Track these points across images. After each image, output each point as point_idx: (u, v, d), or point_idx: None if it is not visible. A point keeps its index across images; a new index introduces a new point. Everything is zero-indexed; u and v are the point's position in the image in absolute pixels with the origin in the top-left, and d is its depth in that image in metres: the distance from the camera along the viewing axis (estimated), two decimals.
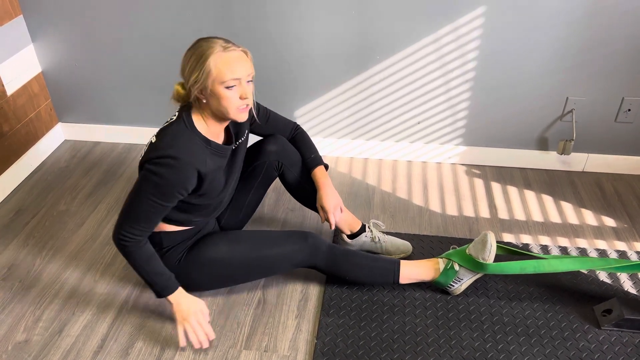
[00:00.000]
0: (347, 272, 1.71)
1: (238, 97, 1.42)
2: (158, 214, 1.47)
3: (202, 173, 1.46)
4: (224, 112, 1.44)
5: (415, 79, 2.23)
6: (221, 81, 1.39)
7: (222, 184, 1.58)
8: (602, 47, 2.06)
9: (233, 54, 1.40)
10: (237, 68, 1.39)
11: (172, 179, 1.41)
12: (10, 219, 2.11)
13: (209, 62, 1.38)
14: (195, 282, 1.69)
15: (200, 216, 1.61)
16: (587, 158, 2.33)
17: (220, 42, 1.40)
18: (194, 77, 1.40)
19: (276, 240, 1.67)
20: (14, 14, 2.22)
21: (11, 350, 1.59)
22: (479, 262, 1.65)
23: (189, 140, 1.44)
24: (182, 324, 1.55)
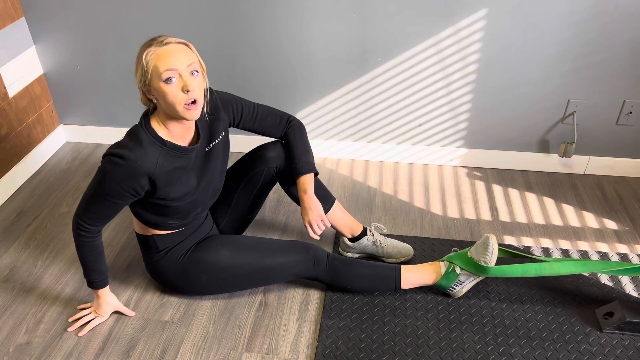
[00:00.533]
0: (349, 282, 1.71)
1: (180, 90, 1.35)
2: (110, 209, 1.47)
3: (151, 175, 1.44)
4: (172, 109, 1.38)
5: (417, 81, 2.23)
6: (158, 75, 1.34)
7: (191, 186, 1.55)
8: (603, 50, 2.06)
9: (168, 47, 1.34)
10: (173, 59, 1.33)
11: (118, 177, 1.41)
12: (12, 221, 2.11)
13: (144, 58, 1.34)
14: (195, 286, 1.69)
15: (176, 219, 1.59)
16: (588, 161, 2.33)
17: (158, 39, 1.36)
18: (138, 77, 1.38)
19: (278, 251, 1.67)
20: (16, 16, 2.22)
21: (12, 352, 1.59)
22: (480, 265, 1.65)
23: (141, 140, 1.42)
24: (90, 310, 1.67)
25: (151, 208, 1.55)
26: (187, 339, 1.63)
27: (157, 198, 1.51)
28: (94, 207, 1.47)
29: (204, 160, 1.58)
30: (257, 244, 1.68)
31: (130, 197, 1.46)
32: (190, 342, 1.61)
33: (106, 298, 1.65)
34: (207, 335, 1.64)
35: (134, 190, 1.45)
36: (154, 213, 1.56)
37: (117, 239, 2.01)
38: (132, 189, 1.44)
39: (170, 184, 1.49)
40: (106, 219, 1.50)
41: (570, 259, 1.70)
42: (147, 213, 1.57)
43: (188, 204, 1.57)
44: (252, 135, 2.47)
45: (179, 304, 1.74)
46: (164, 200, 1.51)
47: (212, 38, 2.22)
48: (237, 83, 2.33)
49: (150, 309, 1.72)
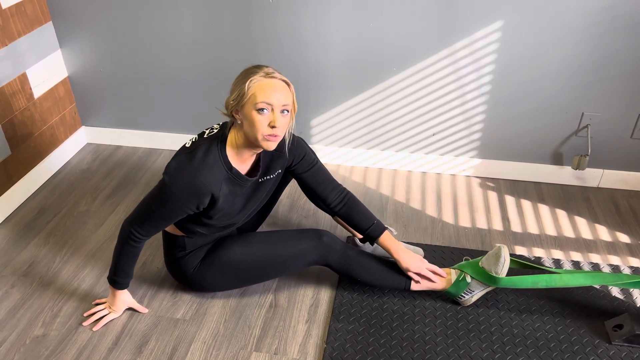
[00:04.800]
0: (360, 274, 1.72)
1: (267, 123, 1.42)
2: (165, 222, 1.53)
3: (215, 196, 1.49)
4: (253, 136, 1.44)
5: (431, 91, 2.25)
6: (253, 103, 1.40)
7: (237, 210, 1.60)
8: (618, 64, 2.07)
9: (273, 81, 1.42)
10: (272, 94, 1.40)
11: (184, 196, 1.46)
12: (32, 217, 2.17)
13: (247, 84, 1.41)
14: (210, 284, 1.73)
15: (206, 230, 1.64)
16: (602, 174, 2.32)
17: (265, 69, 1.43)
18: (233, 96, 1.44)
19: (290, 239, 1.70)
20: (43, 20, 2.30)
21: (29, 344, 1.63)
22: (491, 275, 1.66)
23: (212, 164, 1.47)
24: (106, 306, 1.72)
25: (191, 218, 1.59)
26: (198, 337, 1.66)
27: (207, 216, 1.56)
28: (153, 219, 1.52)
29: (253, 189, 1.62)
30: (268, 236, 1.72)
31: (188, 211, 1.52)
32: (201, 340, 1.65)
33: (122, 295, 1.70)
34: (217, 334, 1.67)
35: (196, 208, 1.51)
36: (189, 222, 1.61)
37: None
38: (195, 207, 1.50)
39: (223, 206, 1.54)
40: (159, 230, 1.56)
41: (581, 271, 1.70)
42: (180, 225, 1.62)
43: (225, 223, 1.62)
44: None
45: (191, 302, 1.77)
46: (210, 219, 1.57)
47: (230, 46, 2.28)
48: None
49: (163, 306, 1.76)
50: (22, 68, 2.20)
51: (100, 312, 1.71)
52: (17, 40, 2.16)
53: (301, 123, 2.43)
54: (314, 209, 2.20)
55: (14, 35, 2.14)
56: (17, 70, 2.18)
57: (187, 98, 2.46)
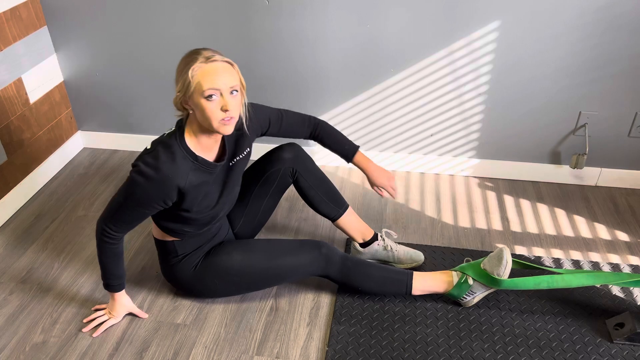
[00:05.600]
0: (360, 283, 1.72)
1: (219, 108, 1.40)
2: (136, 218, 1.53)
3: (182, 188, 1.48)
4: (207, 123, 1.42)
5: (429, 91, 2.25)
6: (200, 91, 1.38)
7: (214, 200, 1.59)
8: (615, 63, 2.07)
9: (215, 65, 1.38)
10: (217, 79, 1.38)
11: (150, 190, 1.46)
12: (30, 223, 2.16)
13: (190, 73, 1.38)
14: (209, 290, 1.72)
15: (193, 228, 1.63)
16: (600, 172, 2.33)
17: (204, 53, 1.39)
18: (178, 87, 1.42)
19: (290, 250, 1.69)
20: (38, 25, 2.29)
21: (29, 351, 1.62)
22: (493, 277, 1.65)
23: (174, 154, 1.46)
24: (105, 312, 1.71)
25: (171, 217, 1.59)
26: (199, 341, 1.65)
27: (181, 210, 1.55)
28: (122, 215, 1.51)
29: (226, 174, 1.62)
30: (268, 245, 1.71)
31: (158, 208, 1.51)
32: (202, 345, 1.64)
33: (121, 300, 1.69)
34: (218, 339, 1.66)
35: (163, 202, 1.49)
36: (172, 221, 1.60)
37: (132, 242, 2.04)
38: (162, 201, 1.49)
39: (196, 197, 1.53)
40: (131, 226, 1.55)
41: (582, 271, 1.70)
42: (166, 221, 1.61)
43: (207, 215, 1.61)
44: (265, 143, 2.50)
45: (192, 307, 1.76)
46: (187, 212, 1.56)
47: (228, 48, 2.27)
48: (252, 92, 2.37)
49: (163, 311, 1.75)
50: (17, 73, 2.19)
51: (99, 317, 1.70)
52: (13, 45, 2.15)
53: None
54: (312, 212, 2.20)
55: (9, 40, 2.13)
56: (13, 75, 2.17)
57: None
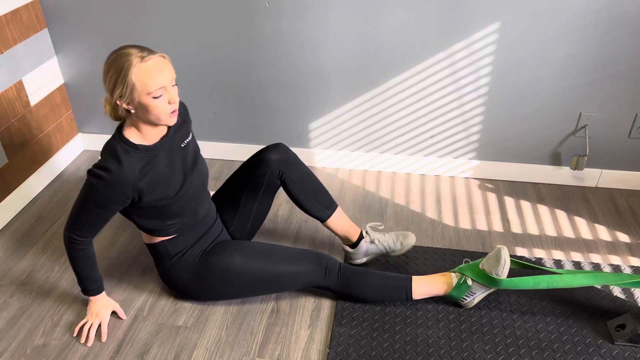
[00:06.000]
0: (360, 293, 1.72)
1: (167, 103, 1.44)
2: (99, 220, 1.54)
3: (134, 181, 1.48)
4: (155, 120, 1.46)
5: (429, 93, 2.25)
6: (148, 92, 1.40)
7: (177, 183, 1.59)
8: (616, 64, 2.08)
9: (152, 62, 1.40)
10: (160, 76, 1.40)
11: (103, 190, 1.47)
12: (31, 225, 2.16)
13: (130, 76, 1.38)
14: (207, 292, 1.72)
15: (174, 219, 1.63)
16: (600, 174, 2.33)
17: (135, 52, 1.39)
18: (118, 92, 1.41)
19: (291, 259, 1.69)
20: (39, 27, 2.29)
21: (29, 353, 1.62)
22: (492, 277, 1.65)
23: (116, 152, 1.48)
24: (88, 318, 1.69)
25: (148, 214, 1.59)
26: (200, 344, 1.65)
27: (149, 202, 1.55)
28: (83, 219, 1.53)
29: (183, 156, 1.62)
30: (270, 251, 1.70)
31: (117, 207, 1.52)
32: (203, 347, 1.64)
33: (103, 302, 1.70)
34: (219, 341, 1.66)
35: (121, 200, 1.50)
36: (151, 218, 1.61)
37: (133, 244, 2.04)
38: (119, 199, 1.50)
39: (156, 185, 1.54)
40: (96, 229, 1.56)
41: (582, 271, 1.70)
42: (145, 220, 1.62)
43: (180, 201, 1.60)
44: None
45: (193, 309, 1.76)
46: (156, 202, 1.56)
47: (228, 49, 2.27)
48: (252, 94, 2.38)
49: (164, 313, 1.75)
50: (18, 75, 2.19)
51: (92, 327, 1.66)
52: (13, 48, 2.15)
53: (299, 127, 2.43)
54: None
55: (9, 43, 2.13)
56: (13, 77, 2.17)
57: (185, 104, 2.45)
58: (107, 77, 1.42)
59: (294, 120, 2.41)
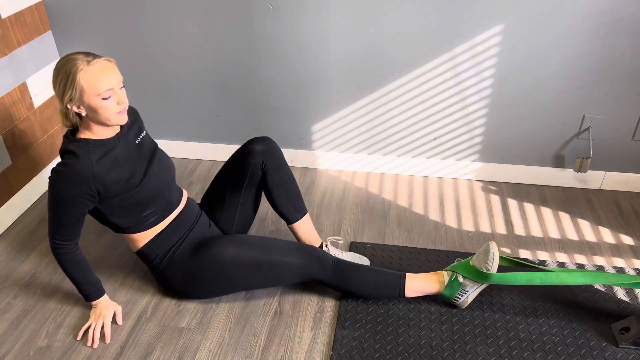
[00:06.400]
0: (353, 287, 1.73)
1: (115, 104, 1.49)
2: (73, 220, 1.56)
3: (93, 172, 1.51)
4: (105, 120, 1.51)
5: (432, 95, 2.25)
6: (97, 94, 1.46)
7: (139, 174, 1.61)
8: (619, 66, 2.07)
9: (99, 64, 1.46)
10: (108, 78, 1.46)
11: (66, 185, 1.50)
12: (34, 227, 2.16)
13: (78, 79, 1.44)
14: (203, 288, 1.73)
15: (148, 210, 1.65)
16: (604, 176, 2.32)
17: (81, 57, 1.46)
18: (68, 96, 1.46)
19: (284, 249, 1.71)
20: (43, 29, 2.30)
21: (33, 355, 1.62)
22: (482, 272, 1.66)
23: (70, 149, 1.52)
24: (91, 320, 1.69)
25: (120, 211, 1.61)
26: (203, 345, 1.65)
27: (115, 193, 1.57)
28: (58, 222, 1.55)
29: (141, 150, 1.66)
30: (262, 242, 1.72)
31: (86, 201, 1.54)
32: (206, 349, 1.64)
33: (105, 302, 1.72)
34: (222, 343, 1.66)
35: (86, 193, 1.52)
36: (126, 215, 1.63)
37: None
38: (83, 191, 1.51)
39: (116, 173, 1.56)
40: (73, 230, 1.58)
41: (579, 270, 1.70)
42: (120, 219, 1.64)
43: (146, 188, 1.62)
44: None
45: (196, 311, 1.76)
46: (123, 193, 1.58)
47: (231, 51, 2.28)
48: (255, 96, 2.38)
49: (167, 315, 1.75)
50: (22, 77, 2.20)
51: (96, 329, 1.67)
52: (17, 50, 2.15)
53: (302, 129, 2.43)
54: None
55: (13, 45, 2.13)
56: (17, 79, 2.17)
57: (187, 105, 2.46)
58: (56, 82, 1.48)
59: (297, 122, 2.41)
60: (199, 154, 2.58)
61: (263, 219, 2.19)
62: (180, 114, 2.48)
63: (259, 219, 2.18)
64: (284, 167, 1.82)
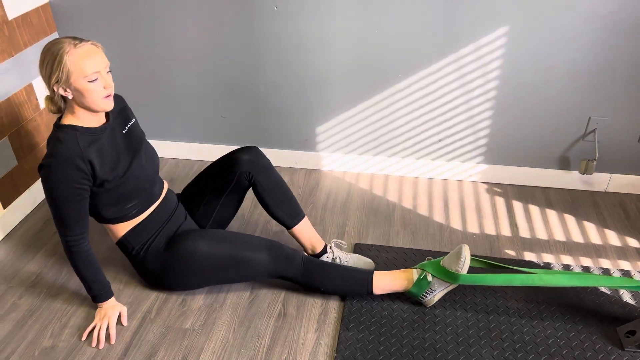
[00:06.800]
0: (321, 284, 1.75)
1: (102, 87, 1.50)
2: (75, 210, 1.55)
3: (83, 156, 1.52)
4: (91, 104, 1.52)
5: (437, 97, 2.25)
6: (83, 76, 1.47)
7: (125, 164, 1.62)
8: (625, 67, 2.06)
9: (85, 47, 1.47)
10: (94, 61, 1.47)
11: (58, 173, 1.51)
12: (39, 228, 2.17)
13: (65, 61, 1.45)
14: (177, 279, 1.76)
15: (131, 201, 1.67)
16: (610, 178, 2.31)
17: (68, 40, 1.47)
18: (55, 78, 1.47)
19: (254, 245, 1.72)
20: (49, 31, 2.31)
21: (38, 355, 1.63)
22: (451, 272, 1.67)
23: (57, 136, 1.53)
24: (96, 321, 1.69)
25: (105, 199, 1.63)
26: (207, 347, 1.65)
27: (103, 179, 1.57)
28: (64, 215, 1.55)
29: (128, 140, 1.68)
30: (235, 238, 1.74)
31: (82, 187, 1.54)
32: (210, 351, 1.64)
33: (111, 303, 1.73)
34: (226, 344, 1.66)
35: (80, 177, 1.52)
36: (111, 205, 1.64)
37: None
38: (77, 175, 1.52)
39: (104, 159, 1.57)
40: (80, 221, 1.58)
41: (564, 272, 1.69)
42: (104, 207, 1.65)
43: (131, 180, 1.64)
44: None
45: (200, 312, 1.76)
46: (110, 182, 1.59)
47: (236, 53, 2.28)
48: (260, 98, 2.38)
49: (171, 316, 1.75)
50: (28, 79, 2.21)
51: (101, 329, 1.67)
52: (24, 51, 2.17)
53: (307, 130, 2.43)
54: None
55: (20, 46, 2.15)
56: (24, 80, 2.18)
57: (192, 107, 2.46)
58: (43, 64, 1.49)
59: (302, 124, 2.42)
60: (203, 155, 2.58)
61: (268, 220, 2.19)
62: (185, 115, 2.48)
63: (263, 220, 2.19)
64: (272, 174, 1.83)
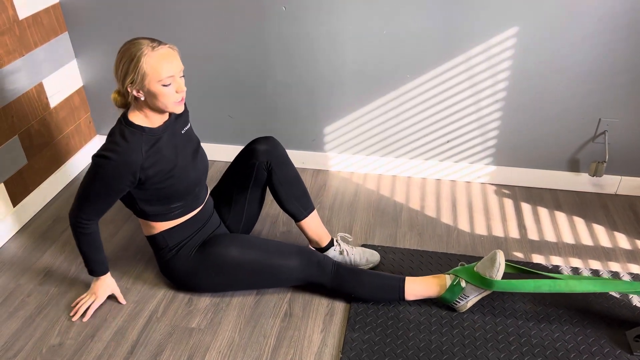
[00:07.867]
0: (353, 290, 1.74)
1: (174, 92, 1.51)
2: (104, 203, 1.59)
3: (141, 163, 1.53)
4: (162, 107, 1.53)
5: (446, 97, 2.24)
6: (158, 80, 1.47)
7: (180, 165, 1.64)
8: (636, 69, 2.04)
9: (162, 51, 1.48)
10: (170, 65, 1.48)
11: (111, 173, 1.53)
12: (48, 226, 2.19)
13: (142, 63, 1.46)
14: (203, 282, 1.76)
15: (178, 201, 1.68)
16: (620, 180, 2.29)
17: (147, 42, 1.48)
18: (130, 79, 1.49)
19: (285, 253, 1.72)
20: (59, 31, 2.33)
21: (45, 352, 1.64)
22: (486, 278, 1.65)
23: (123, 134, 1.54)
24: (87, 295, 1.76)
25: (153, 198, 1.63)
26: (213, 346, 1.65)
27: (155, 183, 1.59)
28: (89, 202, 1.57)
29: (184, 141, 1.69)
30: (265, 244, 1.74)
31: (124, 188, 1.57)
32: (216, 350, 1.64)
33: (106, 280, 1.76)
34: (232, 344, 1.66)
35: (128, 180, 1.55)
36: (156, 203, 1.65)
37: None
38: (127, 179, 1.54)
39: (161, 165, 1.58)
40: (102, 212, 1.61)
41: (588, 277, 1.67)
42: (150, 206, 1.65)
43: (184, 182, 1.65)
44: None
45: (206, 311, 1.77)
46: (162, 183, 1.60)
47: (244, 53, 2.28)
48: (268, 98, 2.38)
49: (178, 315, 1.76)
50: (38, 78, 2.23)
51: (85, 302, 1.74)
52: (34, 51, 2.18)
53: (315, 131, 2.43)
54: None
55: (30, 46, 2.16)
56: (34, 80, 2.20)
57: (201, 107, 2.47)
58: (119, 64, 1.50)
59: (310, 124, 2.41)
60: (212, 154, 2.59)
61: (274, 220, 2.19)
62: (193, 114, 2.49)
63: (270, 221, 2.19)
64: (289, 166, 1.83)
